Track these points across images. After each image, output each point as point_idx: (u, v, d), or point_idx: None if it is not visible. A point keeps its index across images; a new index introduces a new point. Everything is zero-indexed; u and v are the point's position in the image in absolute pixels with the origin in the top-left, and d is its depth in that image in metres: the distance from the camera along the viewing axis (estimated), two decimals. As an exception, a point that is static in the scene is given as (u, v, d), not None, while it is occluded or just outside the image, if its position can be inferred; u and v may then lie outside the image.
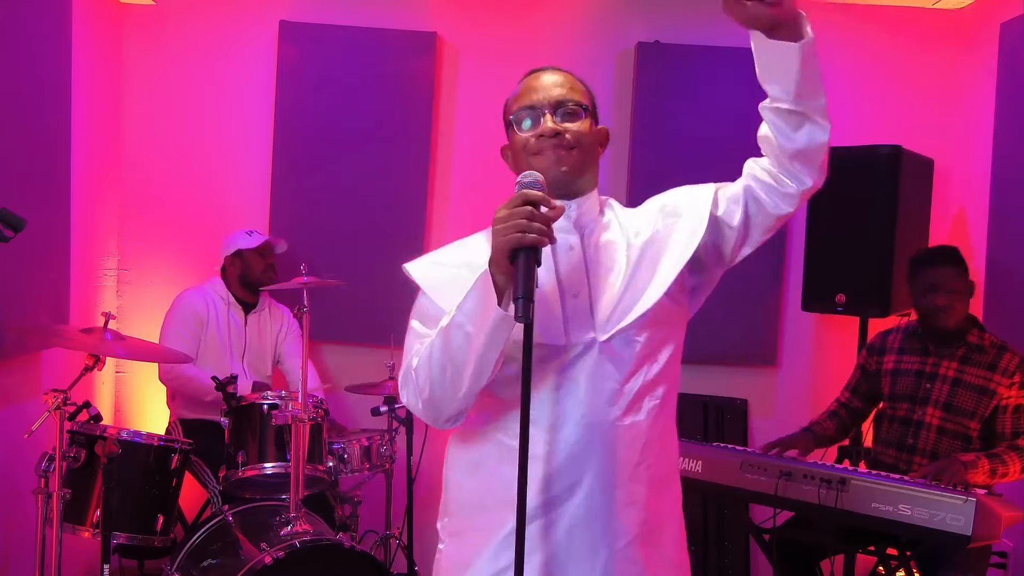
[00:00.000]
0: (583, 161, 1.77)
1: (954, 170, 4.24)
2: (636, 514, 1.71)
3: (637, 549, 1.71)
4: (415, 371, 1.67)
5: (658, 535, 1.76)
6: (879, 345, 3.44)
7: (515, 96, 1.82)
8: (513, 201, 1.56)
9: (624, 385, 1.70)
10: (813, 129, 1.74)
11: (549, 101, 1.76)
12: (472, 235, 1.86)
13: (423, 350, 1.67)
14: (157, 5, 4.31)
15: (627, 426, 1.70)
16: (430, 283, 1.78)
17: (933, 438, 3.19)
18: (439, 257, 1.84)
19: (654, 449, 1.74)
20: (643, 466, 1.72)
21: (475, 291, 1.58)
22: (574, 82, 1.82)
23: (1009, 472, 3.02)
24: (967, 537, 2.59)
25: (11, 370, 3.36)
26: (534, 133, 1.75)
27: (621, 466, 1.69)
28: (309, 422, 3.11)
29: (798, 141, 1.75)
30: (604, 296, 1.72)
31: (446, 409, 1.67)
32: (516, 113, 1.78)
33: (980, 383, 3.14)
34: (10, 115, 3.18)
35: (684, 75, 4.27)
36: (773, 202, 1.82)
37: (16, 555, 3.37)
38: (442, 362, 1.62)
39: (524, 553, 1.53)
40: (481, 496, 1.74)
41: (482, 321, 1.56)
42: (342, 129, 4.27)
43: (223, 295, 4.01)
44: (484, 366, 1.60)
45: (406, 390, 1.71)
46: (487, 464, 1.73)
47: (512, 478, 1.60)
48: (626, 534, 1.70)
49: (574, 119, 1.77)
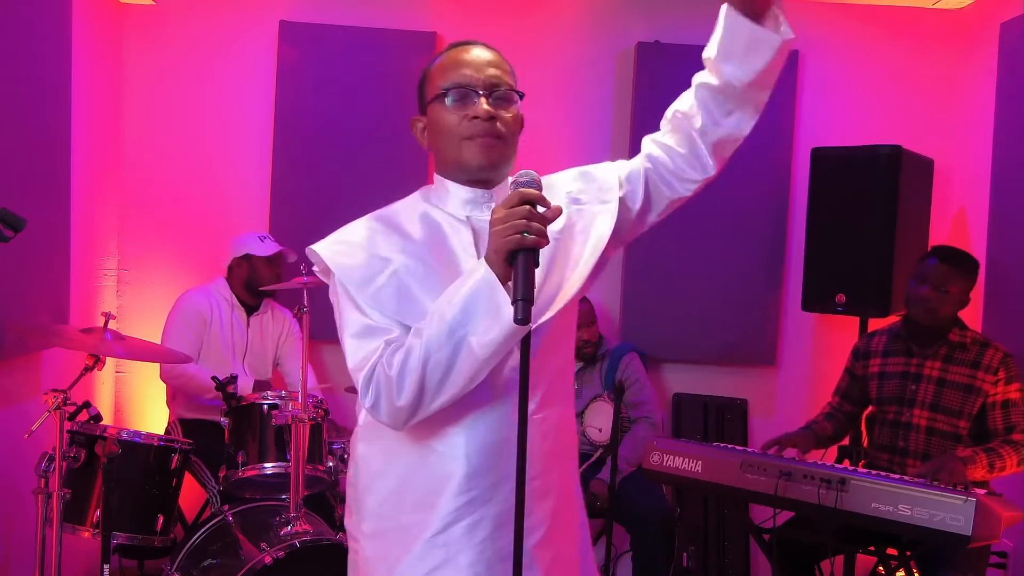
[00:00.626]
0: (509, 152, 1.71)
1: (954, 170, 4.24)
2: (549, 503, 1.72)
3: (551, 536, 1.72)
4: (392, 377, 1.57)
5: (566, 515, 1.77)
6: (864, 349, 3.44)
7: (440, 67, 1.72)
8: (510, 200, 1.52)
9: (539, 379, 1.66)
10: (743, 118, 1.72)
11: (484, 81, 1.68)
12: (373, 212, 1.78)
13: (402, 354, 1.58)
14: (157, 5, 4.31)
15: (541, 419, 1.69)
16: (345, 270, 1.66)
17: (923, 439, 3.20)
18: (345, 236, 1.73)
19: (562, 435, 1.75)
20: (554, 455, 1.73)
21: (478, 298, 1.52)
22: (504, 63, 1.74)
23: (1007, 465, 3.03)
24: (967, 537, 2.59)
25: (11, 370, 3.35)
26: (466, 114, 1.67)
27: (536, 459, 1.67)
28: (309, 422, 3.11)
29: (724, 127, 1.73)
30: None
31: (421, 413, 1.60)
32: (445, 87, 1.68)
33: (965, 381, 3.14)
34: (10, 115, 3.18)
35: (684, 75, 4.22)
36: (671, 187, 1.78)
37: (16, 555, 3.37)
38: (433, 369, 1.55)
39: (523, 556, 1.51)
40: (400, 497, 1.69)
41: (489, 330, 1.53)
42: (342, 129, 4.27)
43: (226, 296, 4.00)
44: (481, 372, 1.58)
45: (371, 394, 1.60)
46: (405, 466, 1.69)
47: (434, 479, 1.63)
48: (542, 525, 1.70)
49: (507, 105, 1.70)
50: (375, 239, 1.70)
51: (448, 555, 1.64)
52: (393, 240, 1.69)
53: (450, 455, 1.64)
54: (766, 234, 4.29)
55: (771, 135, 4.27)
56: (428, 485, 1.66)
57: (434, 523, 1.64)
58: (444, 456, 1.65)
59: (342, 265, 1.67)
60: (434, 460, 1.66)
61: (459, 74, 1.69)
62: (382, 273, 1.65)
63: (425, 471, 1.66)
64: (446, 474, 1.65)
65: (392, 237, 1.70)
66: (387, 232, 1.71)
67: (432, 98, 1.73)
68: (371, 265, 1.66)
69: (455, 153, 1.70)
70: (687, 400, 4.37)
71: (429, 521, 1.65)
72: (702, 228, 4.22)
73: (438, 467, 1.65)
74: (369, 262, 1.66)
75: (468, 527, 1.64)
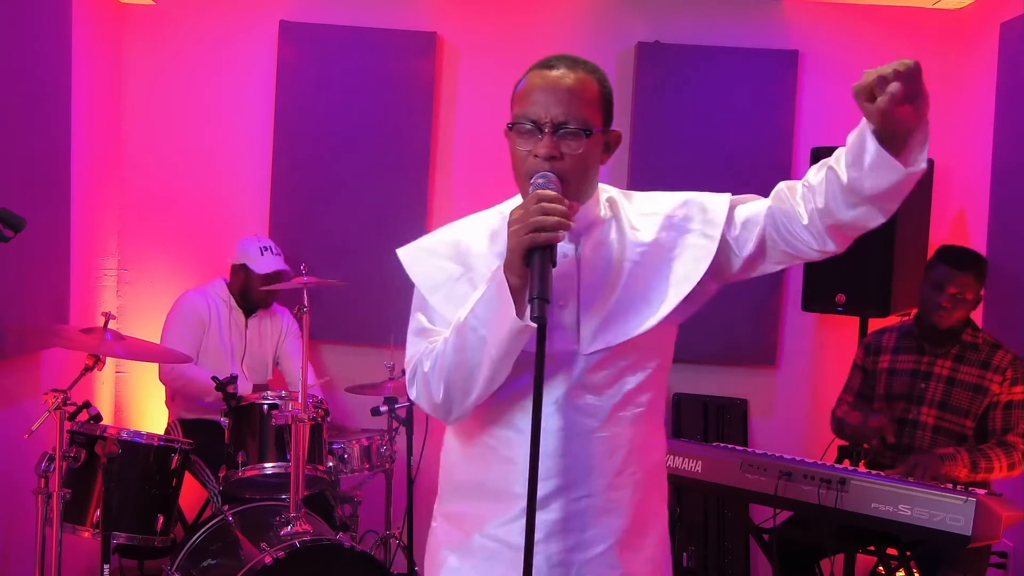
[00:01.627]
0: (575, 189, 1.67)
1: (954, 170, 4.24)
2: (615, 521, 1.72)
3: (615, 553, 1.72)
4: (427, 374, 1.68)
5: (640, 538, 1.76)
6: (874, 344, 3.44)
7: (521, 89, 1.70)
8: (527, 202, 1.56)
9: (603, 398, 1.70)
10: (870, 214, 1.62)
11: (551, 119, 1.63)
12: (465, 217, 1.85)
13: (434, 351, 1.68)
14: (157, 5, 4.31)
15: (606, 437, 1.70)
16: (416, 276, 1.78)
17: (929, 437, 3.20)
18: (427, 243, 1.83)
19: (638, 455, 1.75)
20: (626, 473, 1.73)
21: (488, 296, 1.57)
22: (584, 88, 1.66)
23: (994, 468, 3.03)
24: (967, 537, 2.59)
25: (11, 370, 3.36)
26: (530, 148, 1.65)
27: (599, 475, 1.70)
28: (309, 422, 3.11)
29: (845, 216, 1.62)
30: (592, 309, 1.69)
31: (457, 410, 1.70)
32: (516, 117, 1.68)
33: (974, 381, 3.15)
34: (10, 115, 3.18)
35: (684, 75, 4.27)
36: (791, 245, 1.70)
37: (16, 555, 3.37)
38: (455, 368, 1.63)
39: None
40: (468, 488, 1.78)
41: (499, 329, 1.57)
42: (342, 129, 4.27)
43: (224, 298, 4.00)
44: (498, 372, 1.62)
45: (415, 389, 1.73)
46: (474, 460, 1.76)
47: (495, 479, 1.70)
48: (605, 540, 1.71)
49: (573, 140, 1.64)
50: (452, 247, 1.78)
51: (496, 551, 1.71)
52: (469, 249, 1.77)
53: (511, 459, 1.69)
54: (766, 234, 4.29)
55: (771, 135, 4.27)
56: (492, 484, 1.73)
57: (492, 520, 1.71)
58: (506, 460, 1.70)
59: (416, 273, 1.78)
60: (496, 462, 1.72)
61: (531, 106, 1.65)
62: (453, 280, 1.74)
63: (488, 470, 1.73)
64: (506, 477, 1.70)
65: (468, 246, 1.77)
66: (464, 241, 1.79)
67: (510, 119, 1.71)
68: (442, 272, 1.75)
69: (522, 188, 1.69)
70: (687, 400, 4.37)
71: (484, 516, 1.73)
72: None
73: (498, 468, 1.72)
74: (441, 269, 1.75)
75: (519, 530, 1.65)
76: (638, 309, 1.71)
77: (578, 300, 1.70)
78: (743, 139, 4.26)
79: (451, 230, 1.83)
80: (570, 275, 1.70)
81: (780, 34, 4.30)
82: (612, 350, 1.69)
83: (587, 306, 1.69)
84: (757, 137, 4.27)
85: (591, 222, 1.75)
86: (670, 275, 1.72)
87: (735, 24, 4.30)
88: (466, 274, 1.74)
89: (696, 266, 1.72)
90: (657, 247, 1.74)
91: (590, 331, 1.68)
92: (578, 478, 1.68)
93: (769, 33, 4.30)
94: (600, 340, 1.69)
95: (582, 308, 1.69)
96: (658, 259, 1.73)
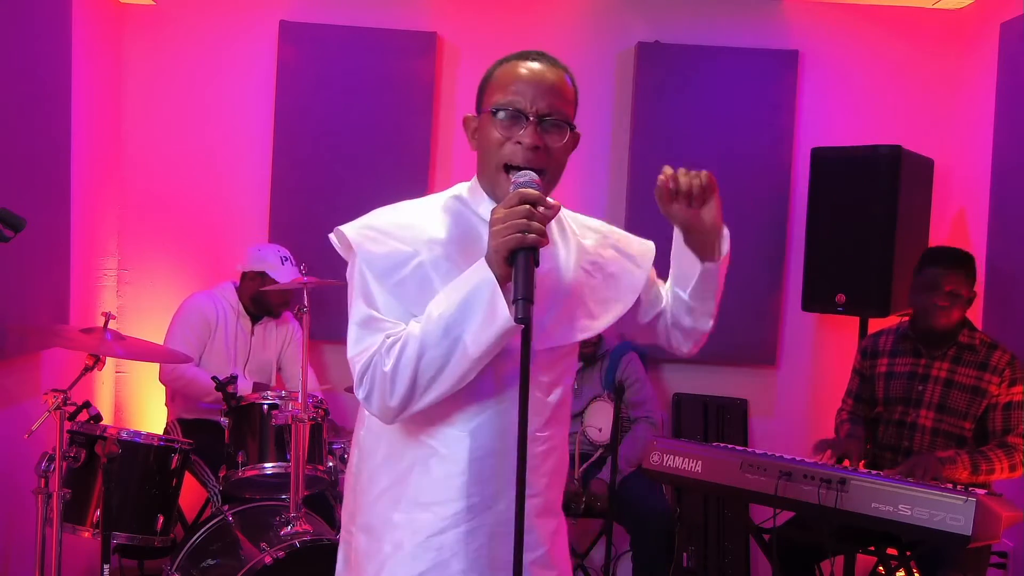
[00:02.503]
0: (548, 185, 1.67)
1: (954, 170, 4.24)
2: (552, 521, 1.75)
3: (552, 555, 1.74)
4: (387, 373, 1.58)
5: (561, 535, 1.80)
6: (871, 348, 3.44)
7: (500, 77, 1.68)
8: (510, 201, 1.53)
9: (548, 398, 1.72)
10: (700, 320, 1.85)
11: (537, 108, 1.64)
12: (407, 201, 1.78)
13: (396, 350, 1.58)
14: (157, 5, 4.31)
15: (547, 437, 1.72)
16: (370, 256, 1.65)
17: (928, 440, 3.20)
18: (375, 222, 1.71)
19: (563, 459, 1.79)
20: (556, 475, 1.76)
21: (473, 297, 1.54)
22: (564, 84, 1.69)
23: (995, 469, 3.02)
24: (967, 537, 2.58)
25: (11, 370, 3.36)
26: (512, 136, 1.64)
27: (540, 476, 1.70)
28: (309, 422, 3.11)
29: (684, 322, 1.86)
30: (547, 307, 1.68)
31: (410, 411, 1.61)
32: (499, 103, 1.65)
33: (972, 383, 3.14)
34: (10, 115, 3.18)
35: (684, 75, 4.27)
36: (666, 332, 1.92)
37: (16, 555, 3.37)
38: (426, 367, 1.56)
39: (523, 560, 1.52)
40: (398, 495, 1.68)
41: (484, 328, 1.54)
42: (342, 129, 4.27)
43: (232, 303, 3.98)
44: (471, 372, 1.59)
45: (366, 388, 1.61)
46: (405, 463, 1.68)
47: (434, 481, 1.63)
48: (544, 542, 1.72)
49: (556, 133, 1.66)
50: (405, 229, 1.68)
51: (440, 558, 1.64)
52: (423, 233, 1.69)
53: (452, 459, 1.65)
54: (766, 234, 4.29)
55: (771, 135, 4.27)
56: (427, 486, 1.66)
57: (429, 525, 1.64)
58: (446, 459, 1.65)
59: (368, 252, 1.65)
60: (435, 462, 1.66)
61: (515, 92, 1.65)
62: (407, 264, 1.64)
63: (426, 472, 1.66)
64: (446, 477, 1.65)
65: (422, 230, 1.69)
66: (418, 224, 1.70)
67: (486, 108, 1.70)
68: (397, 255, 1.65)
69: (491, 176, 1.68)
70: (687, 400, 4.37)
71: (424, 522, 1.65)
72: (702, 228, 4.22)
73: (439, 469, 1.65)
74: (395, 252, 1.65)
75: (465, 533, 1.64)
76: (586, 314, 1.74)
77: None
78: (743, 139, 4.26)
79: (401, 212, 1.74)
80: None
81: (780, 34, 4.30)
82: (558, 351, 1.71)
83: (541, 304, 1.64)
84: (757, 137, 4.28)
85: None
86: (610, 290, 1.79)
87: (735, 24, 4.30)
88: (420, 259, 1.65)
89: (630, 291, 1.82)
90: (600, 259, 1.80)
91: (543, 328, 1.67)
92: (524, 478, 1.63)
93: (769, 33, 4.30)
94: (555, 337, 1.69)
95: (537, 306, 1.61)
96: (601, 271, 1.79)
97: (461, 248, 1.68)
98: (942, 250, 3.36)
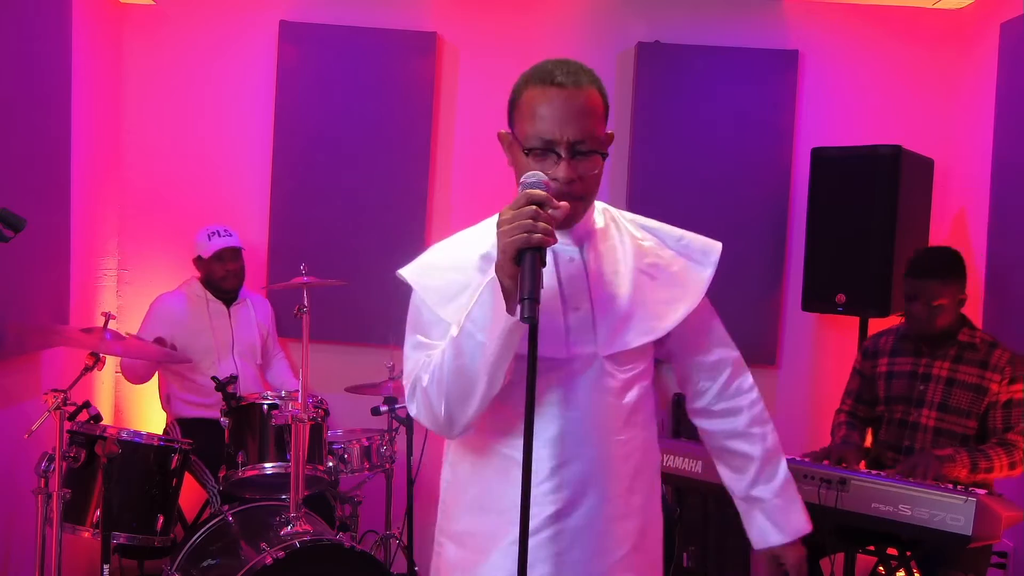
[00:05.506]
0: (585, 207, 1.69)
1: (954, 170, 4.24)
2: (632, 524, 1.75)
3: (632, 557, 1.74)
4: (426, 389, 1.64)
5: (647, 540, 1.80)
6: (872, 348, 3.43)
7: (528, 104, 1.64)
8: (517, 202, 1.54)
9: (622, 400, 1.73)
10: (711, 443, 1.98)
11: (566, 140, 1.61)
12: (461, 232, 1.83)
13: (431, 364, 1.64)
14: (157, 5, 4.31)
15: (624, 440, 1.73)
16: (427, 290, 1.73)
17: (930, 439, 3.19)
18: (431, 259, 1.79)
19: (646, 460, 1.79)
20: (639, 478, 1.76)
21: (483, 299, 1.56)
22: (592, 103, 1.66)
23: (994, 467, 3.02)
24: (967, 537, 2.58)
25: (11, 370, 3.36)
26: (546, 171, 1.62)
27: (619, 479, 1.72)
28: (309, 422, 3.11)
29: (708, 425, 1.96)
30: (608, 311, 1.71)
31: (460, 421, 1.65)
32: (528, 138, 1.63)
33: (974, 381, 3.14)
34: (10, 115, 3.18)
35: (684, 75, 4.27)
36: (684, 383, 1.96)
37: (16, 555, 3.37)
38: (455, 376, 1.59)
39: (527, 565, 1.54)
40: (482, 502, 1.73)
41: (493, 329, 1.55)
42: (342, 129, 4.27)
43: (200, 294, 4.02)
44: (495, 376, 1.59)
45: (415, 405, 1.69)
46: (488, 472, 1.73)
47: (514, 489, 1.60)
48: (624, 544, 1.73)
49: (588, 160, 1.64)
50: (458, 260, 1.75)
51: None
52: (473, 259, 1.73)
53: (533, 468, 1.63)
54: (766, 234, 4.29)
55: (771, 135, 4.27)
56: (511, 495, 1.64)
57: (513, 531, 1.63)
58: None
59: (424, 286, 1.73)
60: (516, 471, 1.63)
61: (543, 124, 1.62)
62: (464, 292, 1.68)
63: (507, 481, 1.68)
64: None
65: (473, 257, 1.73)
66: (469, 252, 1.75)
67: (517, 135, 1.67)
68: (452, 285, 1.71)
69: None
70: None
71: (509, 529, 1.66)
72: (702, 228, 4.20)
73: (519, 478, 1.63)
74: (451, 283, 1.71)
75: (547, 539, 1.67)
76: (650, 314, 1.74)
77: (591, 303, 1.71)
78: (743, 139, 4.26)
79: (449, 246, 1.81)
80: (579, 278, 1.72)
81: (780, 34, 4.30)
82: (627, 354, 1.72)
83: (601, 309, 1.70)
84: (757, 137, 4.27)
85: (591, 227, 1.77)
86: (674, 289, 1.78)
87: (735, 24, 4.30)
88: (472, 285, 1.69)
89: (696, 288, 1.80)
90: (661, 259, 1.79)
91: (606, 333, 1.69)
92: (602, 482, 1.68)
93: (769, 33, 4.30)
94: (618, 342, 1.71)
95: (596, 310, 1.70)
96: (663, 271, 1.78)
97: None
98: (922, 257, 3.26)
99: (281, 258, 4.24)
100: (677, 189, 4.21)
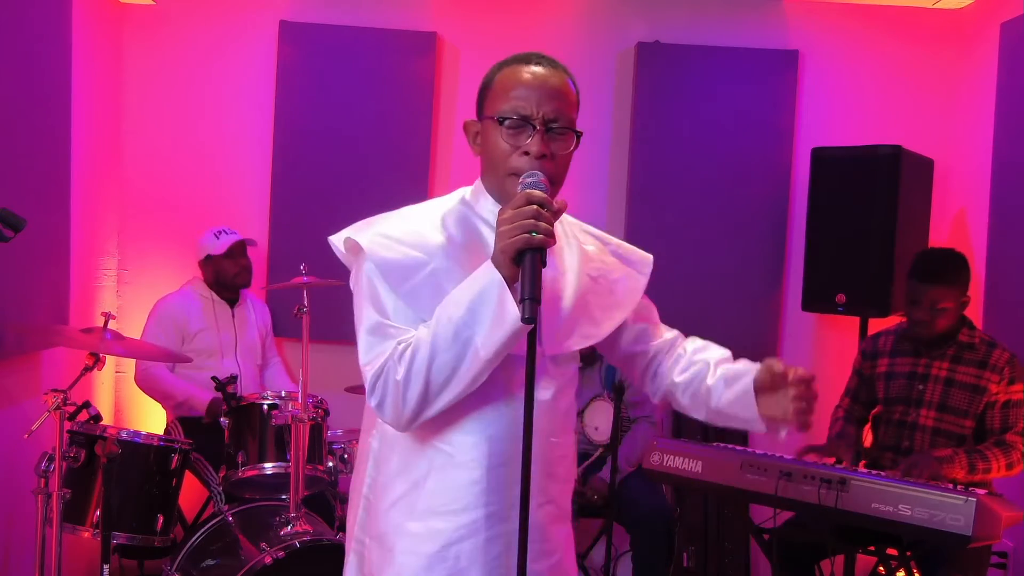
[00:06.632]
0: (555, 191, 1.65)
1: (954, 170, 4.24)
2: (564, 527, 1.74)
3: (565, 564, 1.73)
4: (399, 382, 1.56)
5: (571, 543, 1.80)
6: (871, 349, 3.43)
7: (503, 82, 1.66)
8: (517, 201, 1.52)
9: (559, 403, 1.71)
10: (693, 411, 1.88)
11: (543, 115, 1.62)
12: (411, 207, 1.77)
13: (408, 357, 1.56)
14: (157, 5, 4.31)
15: (558, 443, 1.71)
16: (386, 265, 1.63)
17: (928, 439, 3.19)
18: (385, 229, 1.68)
19: (572, 466, 1.79)
20: (568, 482, 1.76)
21: (482, 297, 1.52)
22: (567, 88, 1.67)
23: (992, 468, 3.02)
24: (967, 537, 2.58)
25: (11, 370, 3.35)
26: (519, 146, 1.62)
27: (554, 482, 1.70)
28: (309, 422, 3.11)
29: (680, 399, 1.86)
30: (553, 312, 1.68)
31: (424, 416, 1.58)
32: (503, 112, 1.63)
33: (972, 381, 3.14)
34: (10, 115, 3.17)
35: (684, 75, 4.27)
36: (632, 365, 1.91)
37: (16, 555, 3.37)
38: (438, 371, 1.54)
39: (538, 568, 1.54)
40: (413, 503, 1.65)
41: (494, 329, 1.52)
42: (342, 129, 4.27)
43: (204, 294, 4.02)
44: (483, 374, 1.57)
45: (378, 397, 1.59)
46: (421, 471, 1.65)
47: (451, 489, 1.60)
48: (559, 549, 1.72)
49: (562, 139, 1.64)
50: (416, 236, 1.67)
51: (457, 568, 1.62)
52: (432, 239, 1.67)
53: (470, 466, 1.62)
54: (766, 234, 4.29)
55: (771, 135, 4.27)
56: (444, 494, 1.63)
57: (447, 533, 1.62)
58: (464, 466, 1.63)
59: (383, 259, 1.63)
60: (452, 470, 1.63)
61: (519, 100, 1.62)
62: (421, 271, 1.63)
63: (442, 479, 1.63)
64: (465, 485, 1.62)
65: (432, 236, 1.67)
66: (427, 230, 1.68)
67: (489, 113, 1.67)
68: (410, 262, 1.63)
69: (499, 184, 1.67)
70: (687, 400, 4.36)
71: (441, 530, 1.62)
72: (702, 228, 4.22)
73: (456, 477, 1.63)
74: (409, 259, 1.63)
75: (483, 542, 1.62)
76: (591, 320, 1.73)
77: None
78: (743, 139, 4.26)
79: (409, 218, 1.72)
80: None
81: (780, 34, 4.30)
82: (564, 357, 1.71)
83: (548, 309, 1.64)
84: (757, 137, 4.27)
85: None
86: (613, 296, 1.78)
87: (735, 24, 4.30)
88: (432, 265, 1.63)
89: (631, 297, 1.81)
90: (604, 265, 1.80)
91: (551, 333, 1.67)
92: (539, 485, 1.61)
93: (769, 33, 4.30)
94: (563, 344, 1.69)
95: (543, 310, 1.62)
96: (606, 277, 1.78)
97: (468, 253, 1.66)
98: (926, 260, 3.26)
99: (281, 258, 4.24)
100: (677, 189, 4.21)
